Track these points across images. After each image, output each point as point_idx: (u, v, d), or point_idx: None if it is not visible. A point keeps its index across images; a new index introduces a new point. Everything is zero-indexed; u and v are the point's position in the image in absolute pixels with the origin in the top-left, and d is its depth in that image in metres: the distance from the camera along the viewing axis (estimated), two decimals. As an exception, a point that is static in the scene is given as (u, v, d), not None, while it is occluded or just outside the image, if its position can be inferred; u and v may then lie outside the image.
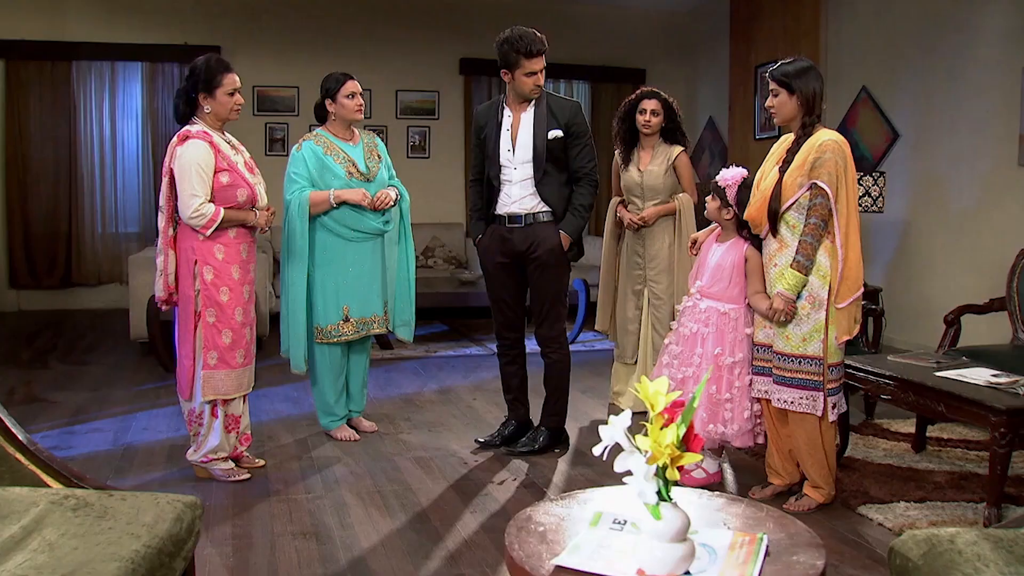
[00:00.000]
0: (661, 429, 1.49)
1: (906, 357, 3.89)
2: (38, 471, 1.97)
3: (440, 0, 8.92)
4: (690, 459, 1.52)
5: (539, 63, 3.92)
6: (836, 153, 3.25)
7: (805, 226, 3.26)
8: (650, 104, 4.64)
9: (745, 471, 3.91)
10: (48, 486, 1.96)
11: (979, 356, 4.10)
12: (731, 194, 3.48)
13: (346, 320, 4.24)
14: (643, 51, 9.84)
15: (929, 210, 6.50)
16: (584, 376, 5.76)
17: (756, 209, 3.38)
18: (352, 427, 4.43)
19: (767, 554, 1.62)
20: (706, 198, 3.62)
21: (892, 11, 6.87)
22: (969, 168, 6.12)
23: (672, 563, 1.55)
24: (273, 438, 4.36)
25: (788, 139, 3.45)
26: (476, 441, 4.30)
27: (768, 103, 3.43)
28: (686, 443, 1.51)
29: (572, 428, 4.45)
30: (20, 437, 1.96)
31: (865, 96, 7.09)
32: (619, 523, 1.84)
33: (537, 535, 1.73)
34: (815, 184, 3.24)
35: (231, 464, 3.73)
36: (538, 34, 3.91)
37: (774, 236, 3.35)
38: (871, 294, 5.93)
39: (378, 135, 4.68)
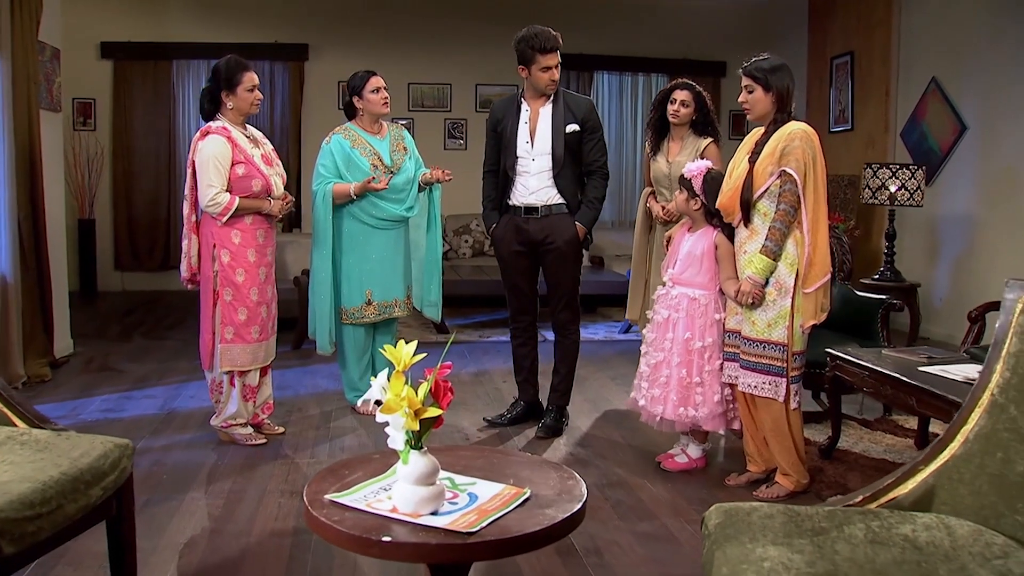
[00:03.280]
0: (406, 385, 1.70)
1: (901, 352, 3.87)
2: (9, 413, 2.35)
3: (519, -5, 9.19)
4: (433, 412, 1.72)
5: (553, 59, 4.12)
6: (804, 141, 3.32)
7: (775, 212, 3.33)
8: (681, 95, 4.72)
9: (737, 457, 3.97)
10: (15, 425, 2.33)
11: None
12: (697, 185, 3.59)
13: (369, 303, 4.54)
14: (723, 44, 9.78)
15: (995, 204, 6.30)
16: (618, 364, 5.90)
17: (728, 198, 3.47)
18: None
19: (522, 505, 1.81)
20: (674, 193, 3.73)
21: (962, 2, 6.66)
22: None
23: (417, 502, 1.77)
24: (302, 409, 4.72)
25: (758, 132, 3.51)
26: (484, 420, 4.53)
27: (741, 99, 3.50)
28: (435, 398, 1.72)
29: (592, 412, 4.72)
30: (-4, 383, 2.34)
31: (935, 88, 6.91)
32: None
33: (339, 477, 1.97)
34: (784, 171, 3.31)
35: (250, 430, 4.10)
36: (552, 32, 4.12)
37: (746, 225, 3.44)
38: (909, 290, 5.81)
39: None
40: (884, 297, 4.66)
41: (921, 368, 3.52)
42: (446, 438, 4.27)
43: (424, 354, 1.86)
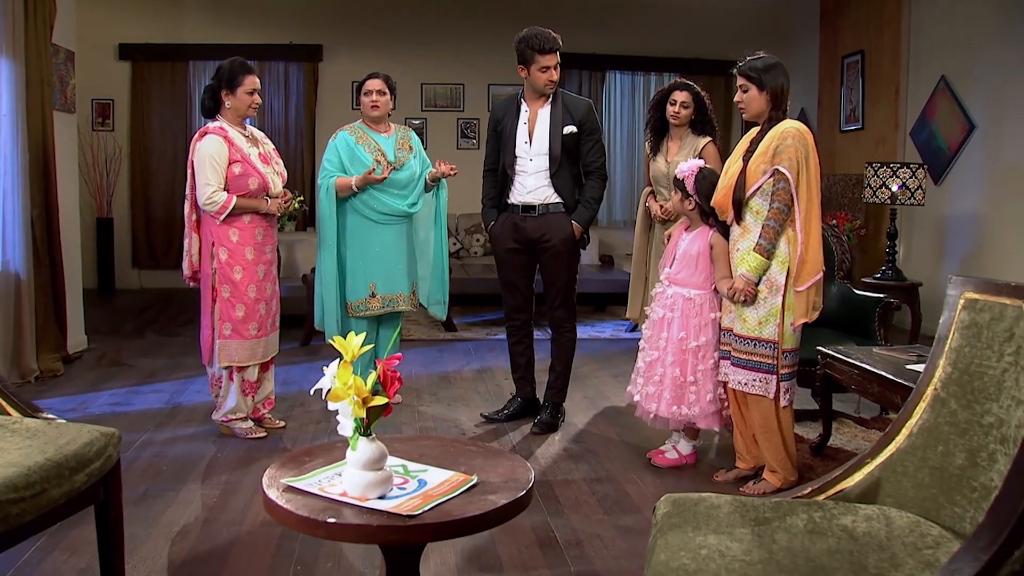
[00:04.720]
0: (354, 374, 1.78)
1: (892, 350, 3.89)
2: (4, 403, 2.45)
3: (530, -5, 9.27)
4: (379, 400, 1.80)
5: (552, 59, 4.19)
6: (797, 140, 3.35)
7: (768, 211, 3.37)
8: (680, 96, 4.76)
9: (728, 453, 4.01)
10: (9, 414, 2.44)
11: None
12: (689, 185, 3.63)
13: (373, 296, 4.63)
14: (734, 43, 9.69)
15: (1003, 204, 6.28)
16: (621, 362, 5.94)
17: (722, 196, 3.52)
18: (378, 398, 4.81)
19: (468, 491, 1.88)
20: (670, 194, 3.77)
21: (971, 0, 6.64)
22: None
23: (364, 487, 1.85)
24: (304, 404, 4.82)
25: (754, 131, 3.55)
26: (481, 415, 4.60)
27: (737, 98, 3.54)
28: (383, 387, 1.80)
29: (590, 409, 4.78)
30: (-10, 376, 2.44)
31: (944, 87, 6.88)
32: None
33: (297, 463, 2.05)
34: (777, 169, 3.35)
35: (250, 424, 4.20)
36: (552, 33, 4.19)
37: (739, 223, 3.48)
38: (909, 289, 5.81)
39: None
40: (881, 296, 4.68)
41: (908, 366, 3.55)
42: (443, 432, 4.35)
43: (371, 345, 1.94)
